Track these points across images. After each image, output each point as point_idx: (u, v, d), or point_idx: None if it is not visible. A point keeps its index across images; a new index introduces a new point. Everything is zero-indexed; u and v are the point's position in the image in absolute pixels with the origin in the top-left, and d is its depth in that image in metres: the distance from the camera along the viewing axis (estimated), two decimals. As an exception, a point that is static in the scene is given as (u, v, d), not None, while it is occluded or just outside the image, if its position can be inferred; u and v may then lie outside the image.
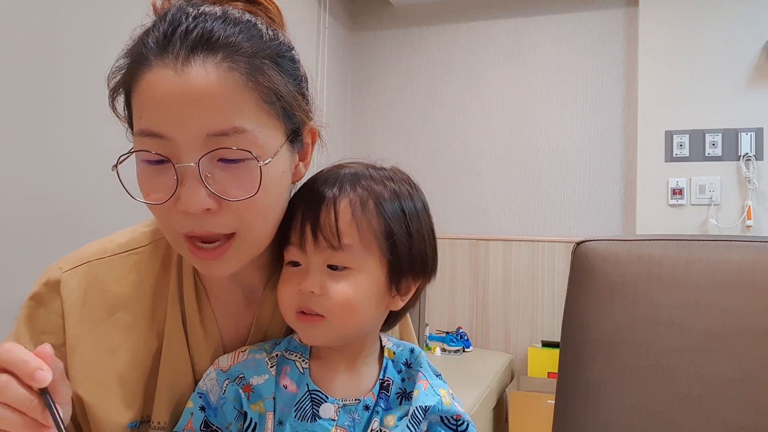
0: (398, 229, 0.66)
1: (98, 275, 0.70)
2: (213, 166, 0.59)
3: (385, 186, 0.67)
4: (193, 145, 0.57)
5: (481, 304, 2.94)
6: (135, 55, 0.60)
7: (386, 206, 0.66)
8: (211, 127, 0.57)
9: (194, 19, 0.59)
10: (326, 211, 0.64)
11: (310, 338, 0.67)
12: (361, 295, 0.65)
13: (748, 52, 2.53)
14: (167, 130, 0.57)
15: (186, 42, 0.57)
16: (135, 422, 0.69)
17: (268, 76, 0.60)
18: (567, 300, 1.08)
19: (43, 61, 1.45)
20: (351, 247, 0.64)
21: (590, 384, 1.01)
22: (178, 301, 0.71)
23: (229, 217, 0.60)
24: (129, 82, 0.61)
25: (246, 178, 0.59)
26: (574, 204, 2.86)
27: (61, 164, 1.51)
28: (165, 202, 0.59)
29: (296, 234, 0.65)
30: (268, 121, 0.61)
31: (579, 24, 2.87)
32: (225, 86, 0.57)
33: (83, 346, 0.68)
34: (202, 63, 0.57)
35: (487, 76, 3.01)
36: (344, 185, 0.66)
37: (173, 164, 0.58)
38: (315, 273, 0.64)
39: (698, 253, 0.99)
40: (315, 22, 2.83)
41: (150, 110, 0.58)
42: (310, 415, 0.64)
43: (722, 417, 0.93)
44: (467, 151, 3.03)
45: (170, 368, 0.69)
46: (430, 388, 0.69)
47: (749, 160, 2.52)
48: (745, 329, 0.93)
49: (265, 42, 0.61)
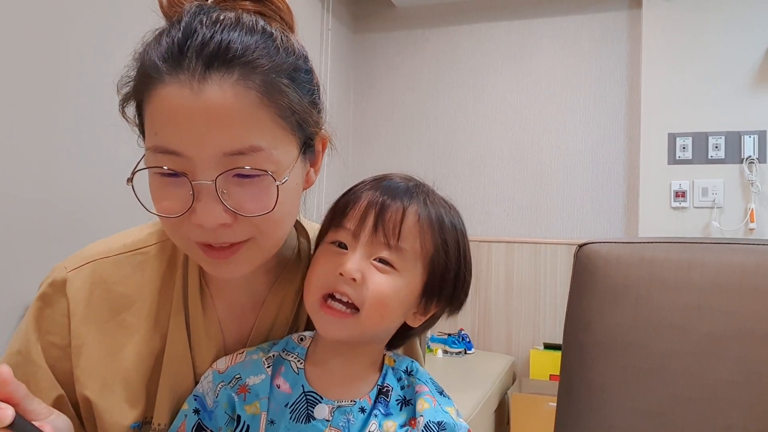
0: (453, 255, 0.68)
1: (103, 275, 0.70)
2: (229, 182, 0.58)
3: (447, 213, 0.70)
4: (210, 164, 0.57)
5: (483, 306, 2.94)
6: (148, 66, 0.59)
7: (447, 232, 0.69)
8: (228, 146, 0.57)
9: (209, 29, 0.58)
10: (395, 209, 0.65)
11: (332, 333, 0.66)
12: (395, 296, 0.65)
13: (751, 54, 2.53)
14: (183, 148, 0.57)
15: (202, 56, 0.56)
16: (137, 423, 0.68)
17: (284, 93, 0.60)
18: (569, 302, 1.07)
19: (47, 61, 1.45)
20: (404, 252, 0.65)
21: (592, 386, 1.01)
22: (183, 303, 0.71)
23: (244, 228, 0.61)
24: (141, 95, 0.60)
25: (262, 193, 0.59)
26: (576, 206, 2.85)
27: (65, 165, 1.51)
28: (181, 215, 0.59)
29: (355, 220, 0.66)
30: (283, 136, 0.61)
31: (582, 26, 2.87)
32: (242, 105, 0.57)
33: (88, 347, 0.68)
34: (219, 82, 0.56)
35: (489, 78, 3.01)
36: (417, 195, 0.68)
37: (189, 180, 0.58)
38: (361, 261, 0.65)
39: (701, 256, 0.99)
40: (318, 24, 2.84)
41: (165, 128, 0.58)
42: (305, 416, 0.64)
43: (724, 420, 0.92)
44: (470, 152, 3.03)
45: (172, 369, 0.69)
46: (439, 407, 0.68)
47: (752, 163, 2.51)
48: (748, 332, 0.93)
49: (281, 56, 0.60)
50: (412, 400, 0.68)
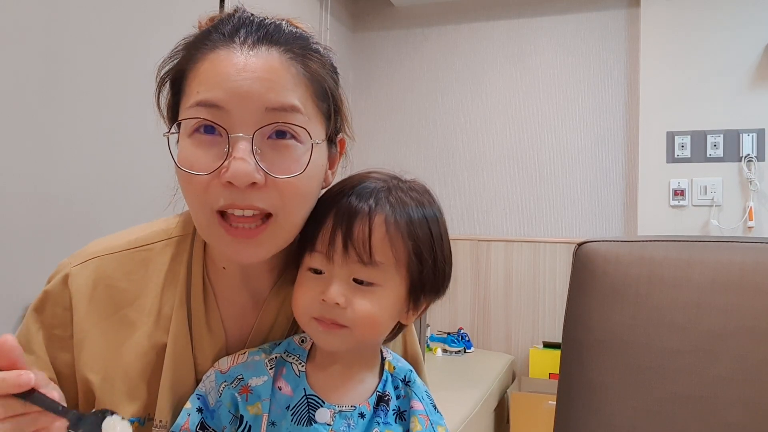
0: (426, 252, 0.67)
1: (107, 271, 0.71)
2: (264, 143, 0.61)
3: (416, 206, 0.68)
4: (251, 118, 0.60)
5: (483, 305, 2.94)
6: (200, 39, 0.64)
7: (418, 228, 0.66)
8: (271, 101, 0.60)
9: (259, 19, 0.65)
10: (361, 225, 0.64)
11: (327, 344, 0.67)
12: (382, 310, 0.65)
13: (749, 52, 2.53)
14: (227, 101, 0.59)
15: (253, 33, 0.62)
16: (137, 418, 0.69)
17: (323, 76, 0.65)
18: (568, 301, 1.08)
19: (46, 60, 1.45)
20: (380, 265, 0.64)
21: (591, 385, 1.01)
22: (186, 300, 0.71)
23: (272, 194, 0.61)
24: (186, 64, 0.64)
25: (294, 157, 0.62)
26: (575, 205, 2.86)
27: (65, 165, 1.51)
28: (211, 173, 0.60)
29: (324, 242, 0.65)
30: (317, 114, 0.65)
31: (581, 25, 2.87)
32: (286, 72, 0.62)
33: (90, 340, 0.69)
34: (267, 51, 0.61)
35: (488, 77, 3.02)
36: (380, 199, 0.66)
37: (227, 133, 0.60)
38: (339, 284, 0.64)
39: (700, 255, 0.99)
40: (316, 23, 2.83)
41: (210, 83, 0.60)
42: (306, 419, 0.65)
43: (724, 418, 0.93)
44: (469, 151, 3.03)
45: (173, 367, 0.70)
46: (431, 427, 0.68)
47: (751, 161, 2.52)
48: (747, 330, 0.93)
49: (317, 49, 0.67)
50: (406, 413, 0.69)
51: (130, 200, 1.64)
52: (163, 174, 0.71)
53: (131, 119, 1.61)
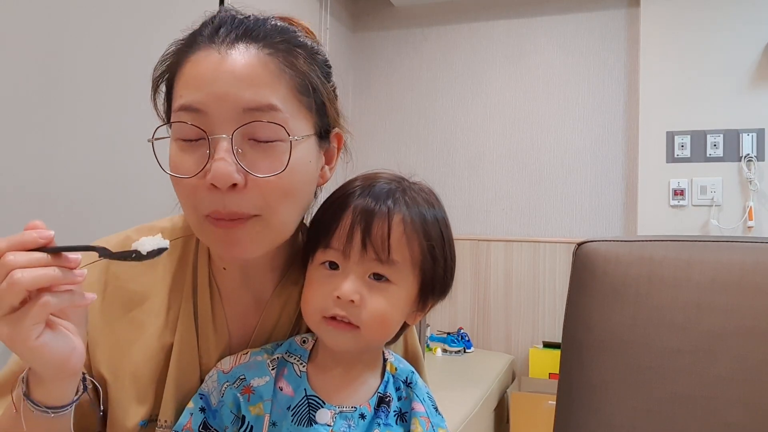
0: (439, 251, 0.68)
1: (116, 272, 0.71)
2: (244, 143, 0.61)
3: (428, 207, 0.69)
4: (228, 118, 0.60)
5: (483, 305, 2.94)
6: (185, 41, 0.65)
7: (431, 228, 0.68)
8: (247, 102, 0.60)
9: (241, 17, 0.65)
10: (380, 223, 0.65)
11: (337, 344, 0.67)
12: (394, 309, 0.66)
13: (749, 52, 2.53)
14: (205, 104, 0.60)
15: (232, 32, 0.63)
16: (145, 421, 0.69)
17: (305, 70, 0.65)
18: (568, 301, 1.08)
19: (46, 58, 1.45)
20: (396, 263, 0.65)
21: (591, 385, 1.01)
22: (192, 300, 0.72)
23: (254, 195, 0.61)
24: (174, 67, 0.65)
25: (274, 156, 0.62)
26: (575, 205, 2.85)
27: (65, 164, 1.51)
28: (194, 176, 0.61)
29: (341, 240, 0.65)
30: (300, 109, 0.64)
31: (580, 25, 2.87)
32: (264, 69, 0.62)
33: (103, 340, 0.69)
34: (245, 48, 0.62)
35: (488, 77, 3.01)
36: (397, 199, 0.67)
37: (207, 137, 0.60)
38: (355, 281, 0.64)
39: (699, 254, 0.99)
40: (316, 23, 2.83)
41: (190, 87, 0.61)
42: (307, 420, 0.65)
43: (724, 418, 0.92)
44: (469, 151, 3.03)
45: (179, 367, 0.70)
46: (432, 428, 0.68)
47: (751, 161, 2.52)
48: (747, 330, 0.93)
49: (303, 42, 0.67)
50: (407, 414, 0.69)
51: (130, 200, 1.64)
52: (163, 174, 0.71)
53: (131, 119, 1.60)
